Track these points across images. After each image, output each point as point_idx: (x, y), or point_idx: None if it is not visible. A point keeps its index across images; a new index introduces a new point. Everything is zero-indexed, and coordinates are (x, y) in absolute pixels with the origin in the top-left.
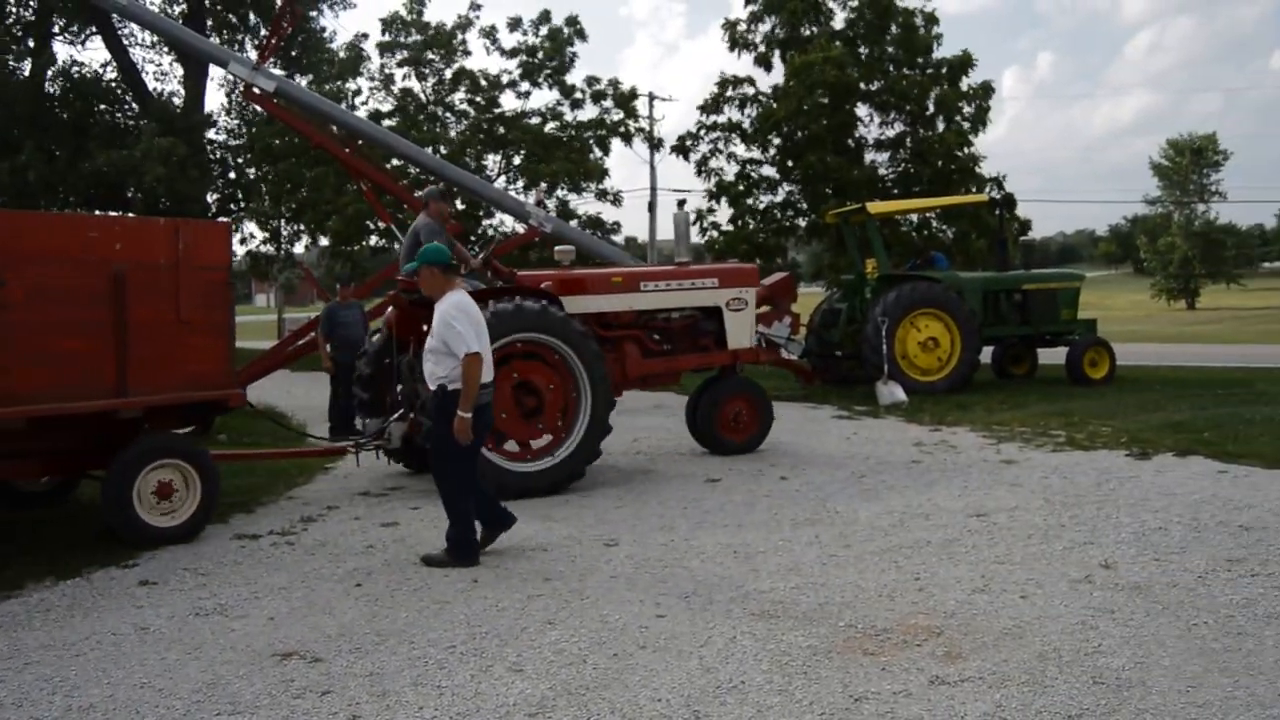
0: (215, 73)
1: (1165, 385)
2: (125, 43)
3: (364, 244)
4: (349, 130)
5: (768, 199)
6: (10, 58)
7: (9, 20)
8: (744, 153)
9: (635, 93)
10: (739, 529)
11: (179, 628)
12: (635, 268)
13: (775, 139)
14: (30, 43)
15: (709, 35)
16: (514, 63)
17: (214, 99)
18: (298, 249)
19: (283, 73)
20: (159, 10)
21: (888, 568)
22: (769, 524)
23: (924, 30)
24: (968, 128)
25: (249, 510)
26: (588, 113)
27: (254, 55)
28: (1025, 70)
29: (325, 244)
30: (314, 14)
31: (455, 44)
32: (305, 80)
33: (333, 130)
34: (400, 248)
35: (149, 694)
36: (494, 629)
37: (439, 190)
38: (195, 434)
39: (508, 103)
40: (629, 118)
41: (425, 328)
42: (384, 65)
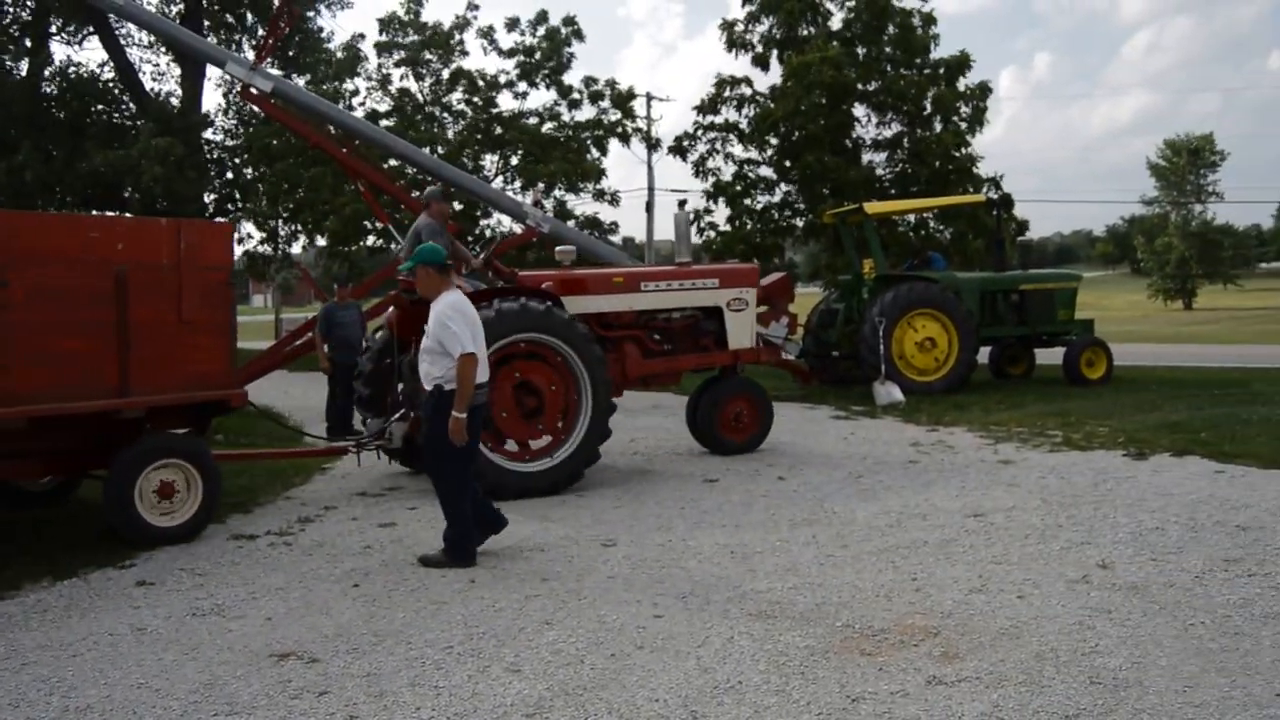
0: (212, 73)
1: (1162, 385)
2: (122, 43)
3: (361, 244)
4: (346, 130)
5: (765, 199)
6: (7, 57)
7: (6, 20)
8: (741, 153)
9: (633, 93)
10: (736, 529)
11: (176, 628)
12: (634, 268)
13: (773, 139)
14: (27, 42)
15: (707, 36)
16: (511, 63)
17: (211, 99)
18: (295, 249)
19: (280, 73)
20: (156, 10)
21: (885, 568)
22: (766, 524)
23: (921, 30)
24: (965, 128)
25: (246, 510)
26: (585, 113)
27: (251, 55)
28: (1023, 70)
29: (322, 244)
30: (311, 14)
31: (453, 44)
32: (303, 80)
33: (330, 130)
34: (398, 248)
35: (146, 694)
36: (491, 629)
37: (440, 191)
38: (191, 435)
39: (505, 103)
40: (626, 118)
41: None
42: (381, 65)
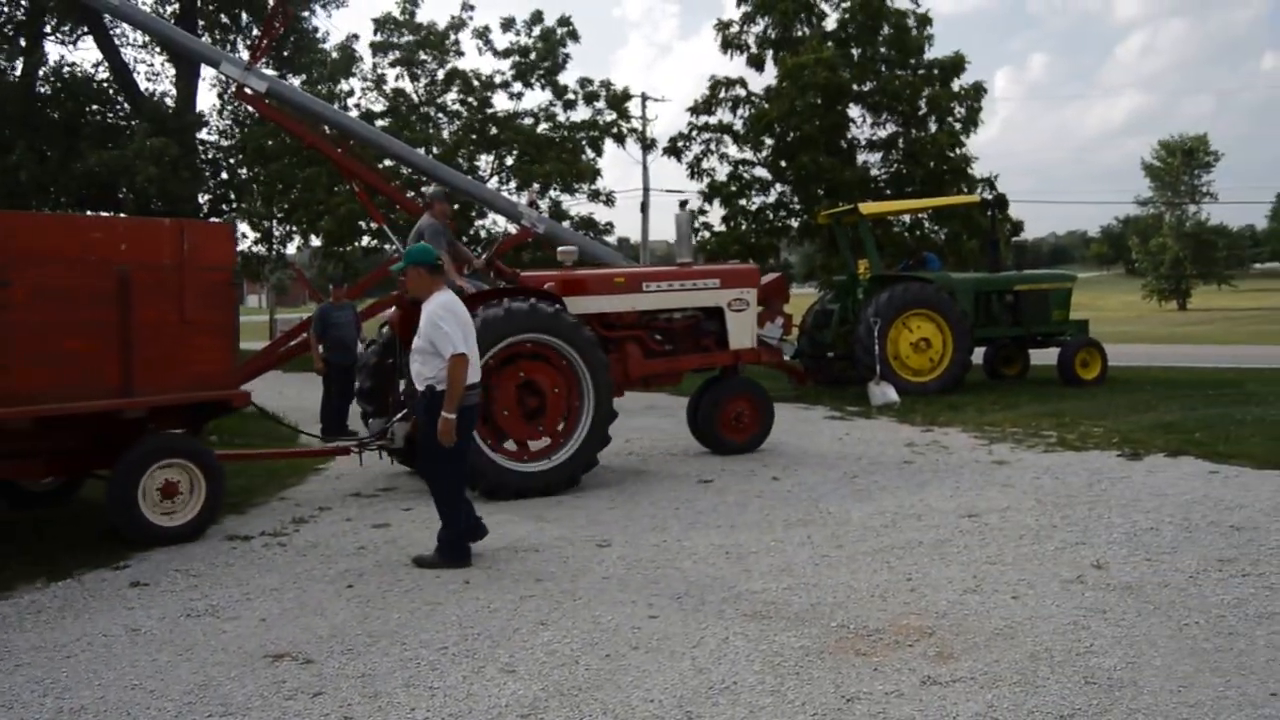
0: (207, 73)
1: (1156, 386)
2: (117, 43)
3: (356, 244)
4: (341, 131)
5: (760, 200)
6: (2, 57)
7: (0, 20)
8: (736, 154)
9: (628, 93)
10: (731, 530)
11: (170, 629)
12: (629, 268)
13: (768, 140)
14: (22, 42)
15: (702, 36)
16: (507, 63)
17: (206, 99)
18: (290, 249)
19: (275, 73)
20: (151, 10)
21: (880, 568)
22: (761, 525)
23: (916, 31)
24: (959, 129)
25: (241, 511)
26: (580, 113)
27: (246, 55)
28: (1018, 71)
29: (317, 244)
30: (306, 14)
31: (448, 44)
32: (298, 80)
33: (325, 131)
34: (393, 248)
35: (140, 695)
36: (486, 630)
37: (442, 191)
38: (187, 435)
39: (500, 103)
40: (621, 119)
41: None
42: (376, 65)
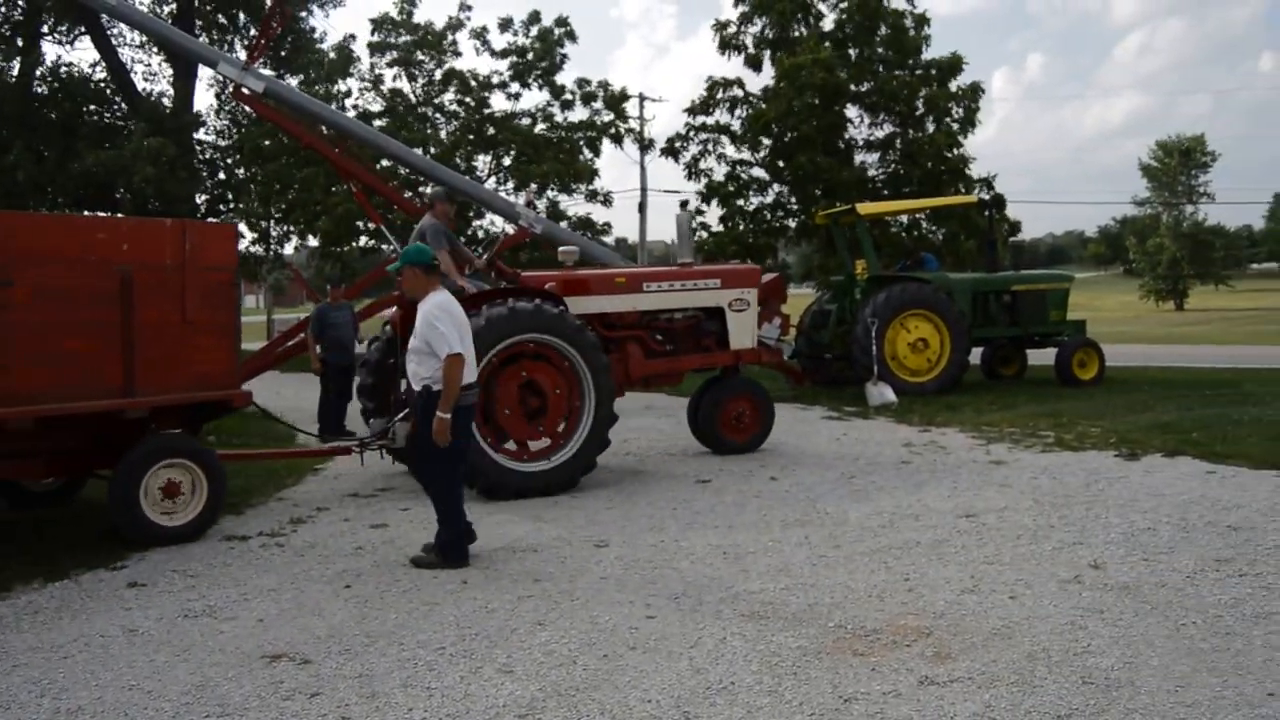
0: (204, 73)
1: (1154, 386)
2: (114, 43)
3: (353, 245)
4: (339, 131)
5: (758, 200)
6: None
7: None
8: (734, 154)
9: (625, 94)
10: (729, 530)
11: (168, 630)
12: (626, 268)
13: (765, 140)
14: (19, 42)
15: (699, 36)
16: (504, 64)
17: (203, 99)
18: (287, 250)
19: (272, 73)
20: (148, 10)
21: (877, 568)
22: (759, 525)
23: (914, 32)
24: (957, 129)
25: (238, 512)
26: (578, 114)
27: (243, 55)
28: (1015, 71)
29: (314, 245)
30: (303, 14)
31: (445, 45)
32: (295, 81)
33: (322, 131)
34: (390, 248)
35: (137, 696)
36: (483, 630)
37: (444, 191)
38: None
39: (498, 103)
40: (619, 119)
41: None
42: (374, 65)
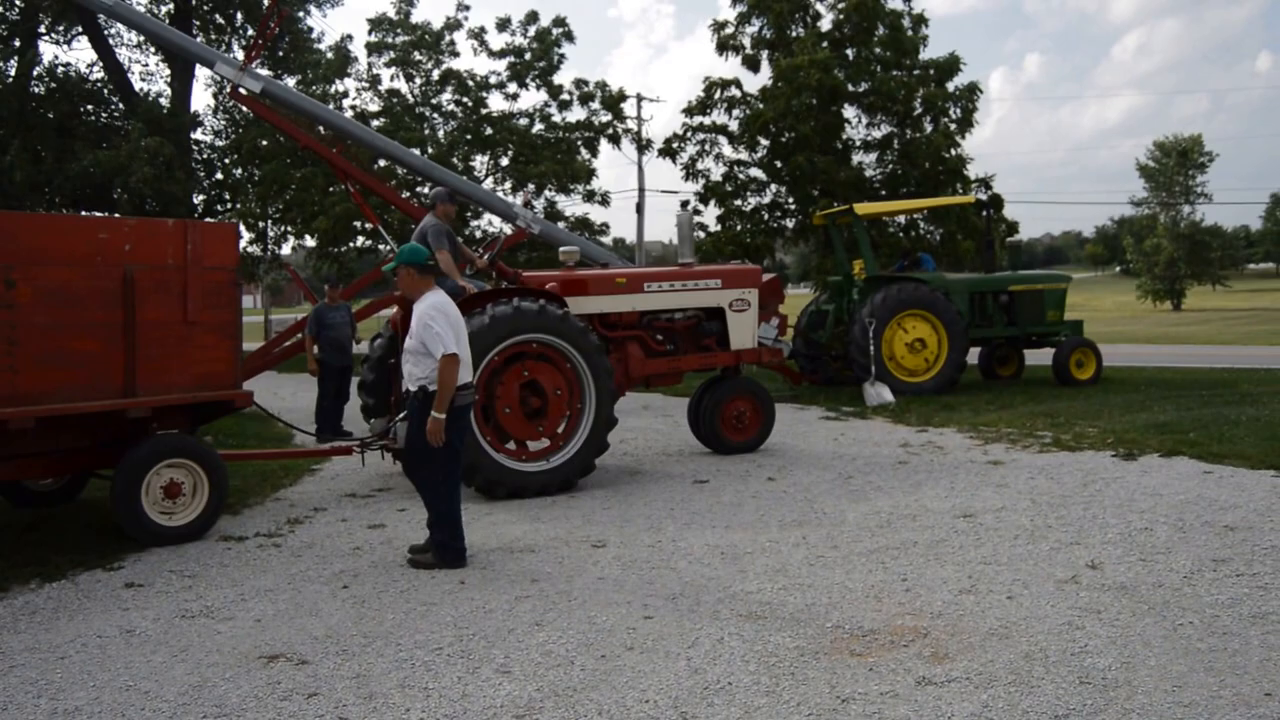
0: (202, 73)
1: (1151, 386)
2: (112, 42)
3: (351, 245)
4: (336, 131)
5: (755, 200)
6: None
7: None
8: (731, 154)
9: (623, 94)
10: (726, 530)
11: (165, 630)
12: (623, 268)
13: (763, 140)
14: (16, 42)
15: (697, 36)
16: (502, 64)
17: (201, 99)
18: (285, 250)
19: (270, 73)
20: (146, 10)
21: (875, 569)
22: (756, 525)
23: (911, 32)
24: (954, 129)
25: (235, 512)
26: (575, 114)
27: (241, 55)
28: (1013, 71)
29: (312, 245)
30: (301, 14)
31: (443, 45)
32: (293, 81)
33: (320, 131)
34: (386, 248)
35: (135, 697)
36: (481, 630)
37: (446, 192)
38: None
39: (495, 104)
40: (617, 119)
41: None
42: (371, 65)
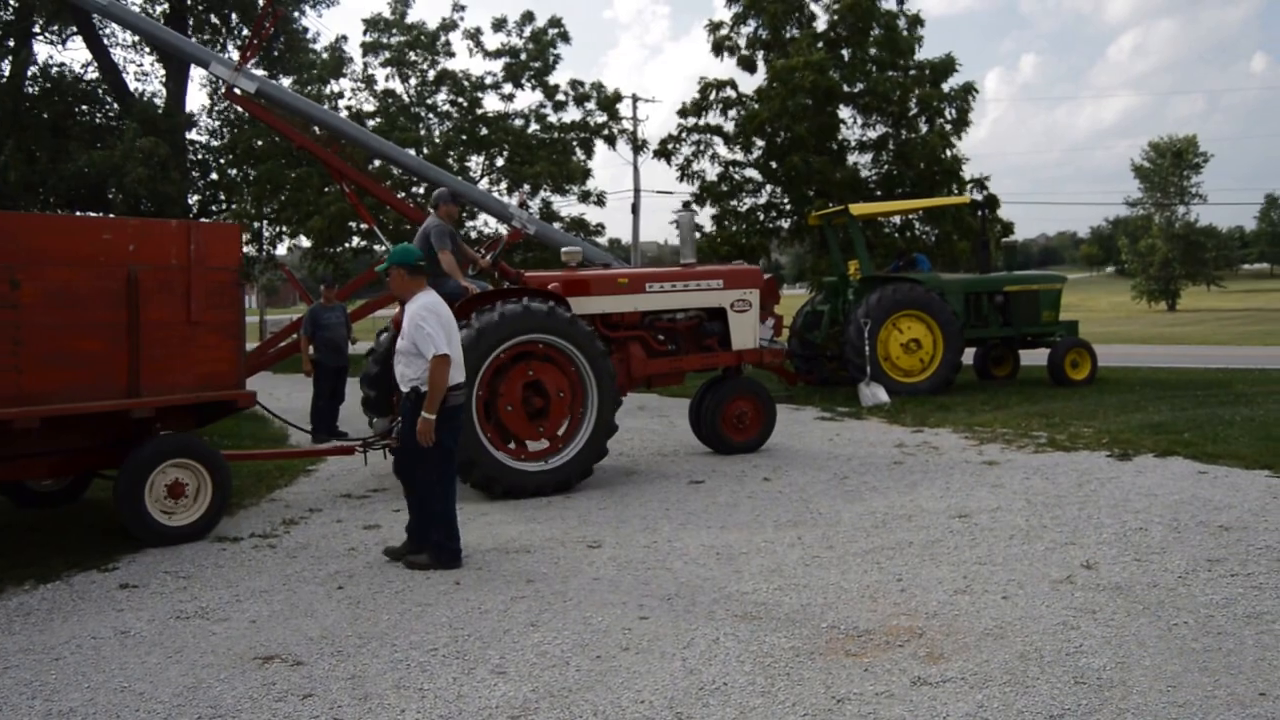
0: (197, 73)
1: (1146, 386)
2: (106, 43)
3: (346, 245)
4: (331, 131)
5: (751, 201)
6: None
7: None
8: (726, 154)
9: (619, 95)
10: (722, 531)
11: (160, 631)
12: (619, 268)
13: (758, 141)
14: (10, 42)
15: (692, 37)
16: (498, 64)
17: (196, 99)
18: (280, 250)
19: (264, 73)
20: (140, 10)
21: (870, 569)
22: (752, 525)
23: (907, 32)
24: (950, 129)
25: (230, 513)
26: (571, 115)
27: (236, 56)
28: (1009, 72)
29: (307, 245)
30: (296, 14)
31: (439, 45)
32: (288, 81)
33: (315, 131)
34: (382, 249)
35: (129, 698)
36: (476, 631)
37: (449, 193)
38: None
39: (491, 104)
40: (612, 120)
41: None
42: (367, 65)
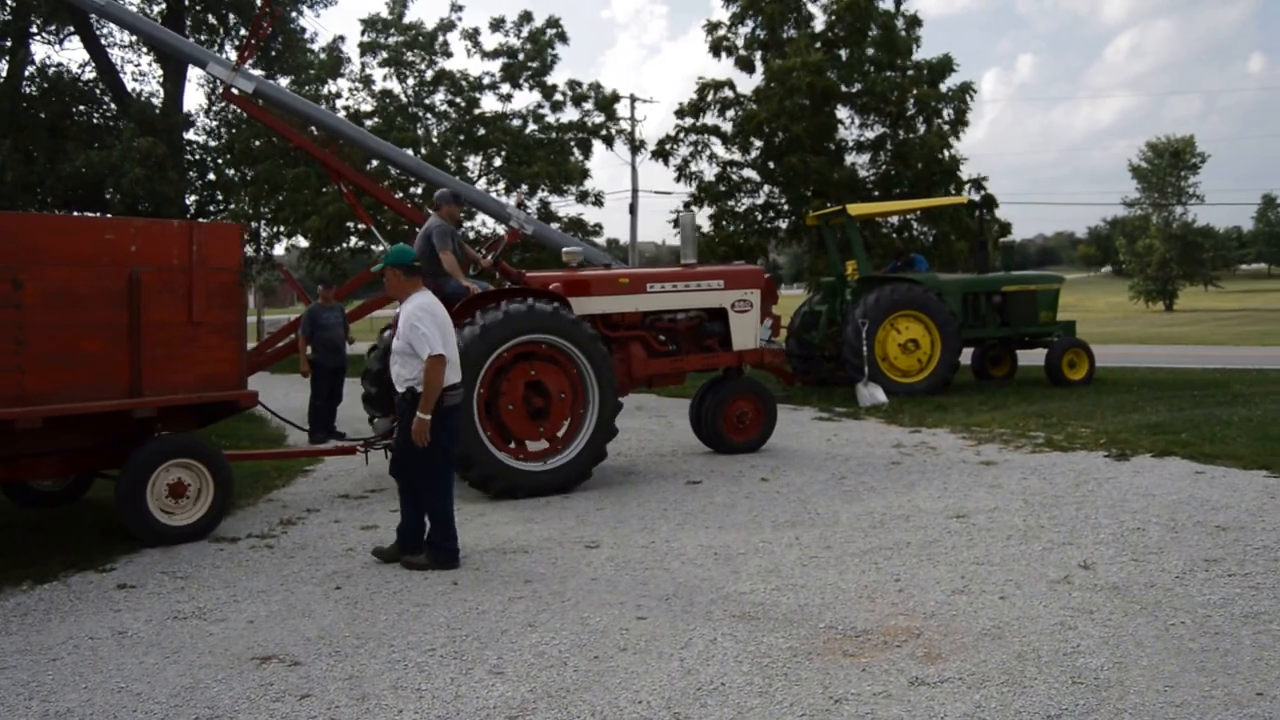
0: (194, 73)
1: (1143, 386)
2: (104, 43)
3: (344, 245)
4: (329, 131)
5: (748, 201)
6: None
7: None
8: (724, 154)
9: (616, 95)
10: (720, 531)
11: (157, 631)
12: (620, 269)
13: (756, 141)
14: (7, 42)
15: (690, 37)
16: (495, 64)
17: (193, 99)
18: (278, 250)
19: (262, 73)
20: (138, 10)
21: (868, 569)
22: (750, 526)
23: (905, 33)
24: (947, 130)
25: (228, 513)
26: (569, 115)
27: (234, 56)
28: (1006, 72)
29: (305, 245)
30: (294, 14)
31: (436, 45)
32: (286, 81)
33: (312, 131)
34: (380, 249)
35: (127, 698)
36: (474, 631)
37: (450, 193)
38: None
39: (489, 104)
40: (610, 120)
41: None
42: (364, 65)
